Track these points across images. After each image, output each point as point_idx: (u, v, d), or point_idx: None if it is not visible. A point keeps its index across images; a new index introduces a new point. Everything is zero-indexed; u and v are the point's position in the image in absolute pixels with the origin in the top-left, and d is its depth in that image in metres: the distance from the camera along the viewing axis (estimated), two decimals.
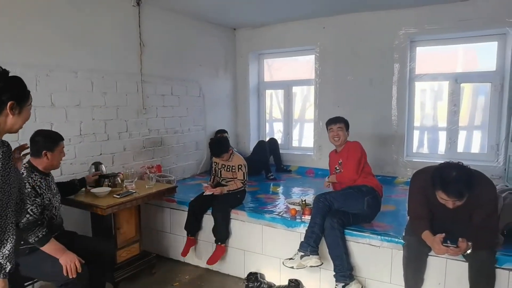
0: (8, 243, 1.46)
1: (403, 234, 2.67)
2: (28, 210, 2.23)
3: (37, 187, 2.35)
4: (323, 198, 2.90)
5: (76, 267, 2.24)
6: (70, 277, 2.22)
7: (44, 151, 2.42)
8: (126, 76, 3.83)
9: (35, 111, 3.04)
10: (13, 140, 2.39)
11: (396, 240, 2.71)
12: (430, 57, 4.73)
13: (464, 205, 2.18)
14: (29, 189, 2.29)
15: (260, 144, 5.11)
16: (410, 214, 2.56)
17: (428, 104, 4.90)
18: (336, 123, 3.25)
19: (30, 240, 2.21)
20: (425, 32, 4.34)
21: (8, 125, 1.57)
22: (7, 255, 1.46)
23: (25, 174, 2.32)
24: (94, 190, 3.05)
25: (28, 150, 1.86)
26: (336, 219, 2.79)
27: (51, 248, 2.26)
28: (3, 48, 2.82)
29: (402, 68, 4.51)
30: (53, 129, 3.16)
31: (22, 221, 2.17)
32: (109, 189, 3.10)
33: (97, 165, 3.34)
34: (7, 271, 1.47)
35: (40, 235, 2.22)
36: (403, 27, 4.42)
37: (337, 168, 3.24)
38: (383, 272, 2.78)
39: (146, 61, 4.04)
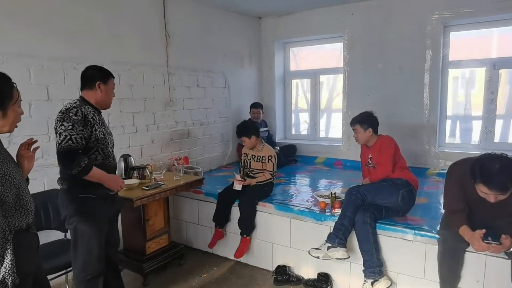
0: (5, 259, 1.40)
1: (438, 229, 2.57)
2: (73, 137, 2.04)
3: (90, 117, 2.16)
4: (356, 191, 2.82)
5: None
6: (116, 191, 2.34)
7: (98, 82, 2.25)
8: (152, 68, 3.84)
9: (63, 104, 3.04)
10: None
11: (430, 234, 2.61)
12: (463, 43, 4.49)
13: (507, 199, 2.05)
14: (79, 117, 2.09)
15: None
16: (446, 208, 2.44)
17: (460, 92, 4.68)
18: (351, 125, 3.19)
19: (73, 172, 2.04)
20: (460, 16, 4.11)
21: None
22: (7, 270, 1.40)
23: (78, 103, 2.16)
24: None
25: (37, 144, 1.76)
26: (369, 213, 2.71)
27: (95, 176, 2.14)
28: (31, 41, 2.86)
29: (435, 54, 4.31)
30: None
31: (64, 145, 2.02)
32: (138, 181, 3.13)
33: (126, 157, 3.37)
34: (10, 287, 1.41)
35: (82, 164, 2.05)
36: (436, 12, 4.21)
37: (369, 162, 3.14)
38: (416, 267, 2.69)
39: (172, 52, 4.03)
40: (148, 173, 3.33)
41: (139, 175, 3.26)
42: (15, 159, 1.70)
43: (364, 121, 3.08)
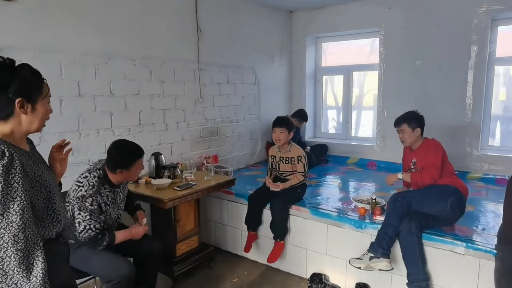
0: (35, 267, 1.28)
1: (496, 243, 2.35)
2: (91, 226, 2.20)
3: (103, 205, 2.28)
4: (401, 198, 2.63)
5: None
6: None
7: (119, 170, 2.30)
8: (183, 64, 3.71)
9: (94, 100, 3.00)
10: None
11: (485, 248, 2.40)
12: (510, 37, 4.18)
13: None
14: (95, 206, 2.22)
15: None
16: (507, 221, 2.23)
17: (502, 90, 4.37)
18: (396, 125, 2.96)
19: (100, 248, 2.25)
20: (511, 8, 3.82)
21: (24, 127, 1.37)
22: (39, 280, 1.27)
23: (94, 189, 2.22)
24: (155, 181, 3.00)
25: (70, 146, 1.70)
26: (415, 222, 2.51)
27: (120, 239, 2.35)
28: (65, 36, 2.77)
29: (481, 50, 4.02)
30: (112, 119, 3.13)
31: (83, 235, 2.19)
32: (170, 181, 3.03)
33: (157, 155, 3.28)
34: None
35: (105, 243, 2.26)
36: (484, 4, 3.92)
37: (412, 167, 2.93)
38: (467, 284, 2.48)
39: (203, 48, 3.90)
40: (179, 172, 3.23)
41: (170, 174, 3.17)
42: (47, 162, 1.60)
43: (411, 120, 2.86)
